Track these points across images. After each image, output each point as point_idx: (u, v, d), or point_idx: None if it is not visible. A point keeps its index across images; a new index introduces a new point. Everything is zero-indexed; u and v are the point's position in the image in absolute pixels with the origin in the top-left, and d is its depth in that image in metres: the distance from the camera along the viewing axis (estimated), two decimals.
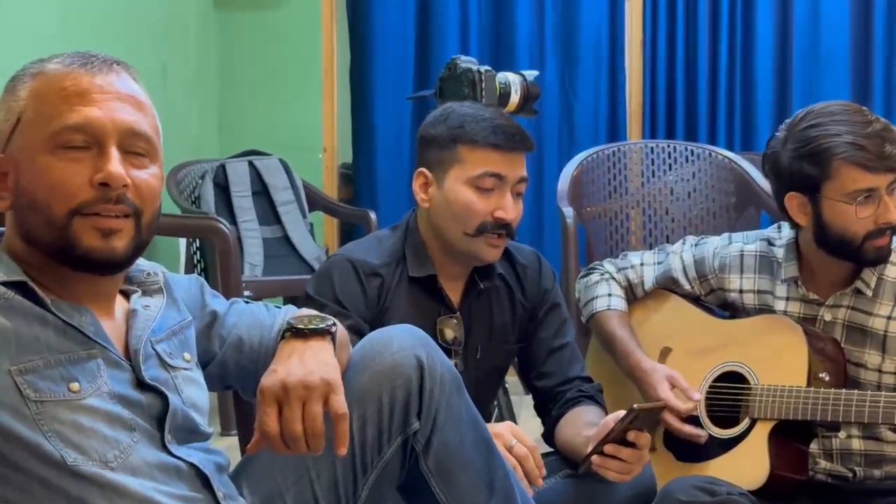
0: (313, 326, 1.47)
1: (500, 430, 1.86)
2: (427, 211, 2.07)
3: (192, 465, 1.38)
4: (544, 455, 2.10)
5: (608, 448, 1.82)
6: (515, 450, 1.85)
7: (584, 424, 1.98)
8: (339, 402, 1.39)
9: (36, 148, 1.31)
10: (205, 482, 1.39)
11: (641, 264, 2.33)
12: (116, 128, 1.33)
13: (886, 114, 4.59)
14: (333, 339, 1.49)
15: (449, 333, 2.07)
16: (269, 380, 1.40)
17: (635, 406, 1.78)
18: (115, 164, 1.32)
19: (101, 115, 1.32)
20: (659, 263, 2.32)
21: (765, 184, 3.06)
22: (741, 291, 2.20)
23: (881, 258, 2.04)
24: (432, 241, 2.08)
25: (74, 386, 1.29)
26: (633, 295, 2.33)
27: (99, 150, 1.32)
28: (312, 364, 1.41)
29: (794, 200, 2.06)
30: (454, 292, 2.10)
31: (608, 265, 2.37)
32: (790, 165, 2.02)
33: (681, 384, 2.13)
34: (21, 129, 1.32)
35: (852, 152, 1.95)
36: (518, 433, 1.89)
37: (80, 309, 1.34)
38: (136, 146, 1.35)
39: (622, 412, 1.81)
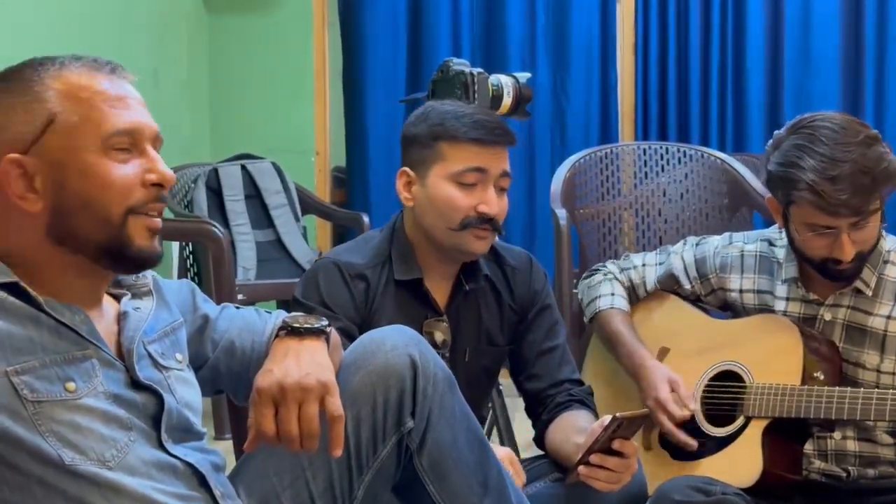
0: (309, 325, 1.49)
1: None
2: (412, 210, 2.06)
3: (188, 464, 1.39)
4: (535, 458, 2.10)
5: (594, 458, 1.81)
6: None
7: (574, 430, 1.98)
8: (335, 404, 1.40)
9: (86, 149, 1.33)
10: (202, 481, 1.39)
11: (643, 265, 2.34)
12: (151, 131, 1.38)
13: (877, 115, 4.62)
14: (328, 340, 1.50)
15: (437, 336, 2.06)
16: (265, 380, 1.42)
17: (618, 415, 1.76)
18: (164, 165, 1.37)
19: (141, 119, 1.37)
20: (660, 264, 2.32)
21: (757, 184, 3.07)
22: (741, 291, 2.21)
23: (846, 279, 2.05)
24: (419, 241, 2.07)
25: (70, 386, 1.29)
26: (636, 295, 2.33)
27: (139, 152, 1.37)
28: (308, 365, 1.42)
29: (772, 204, 2.09)
30: (441, 294, 2.09)
31: (611, 266, 2.37)
32: (769, 173, 2.04)
33: (681, 391, 2.12)
34: (58, 131, 1.32)
35: (808, 195, 1.93)
36: (515, 464, 1.89)
37: (73, 308, 1.34)
38: (158, 148, 1.40)
39: (607, 418, 1.80)
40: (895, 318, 2.05)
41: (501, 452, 1.88)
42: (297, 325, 1.48)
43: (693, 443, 2.10)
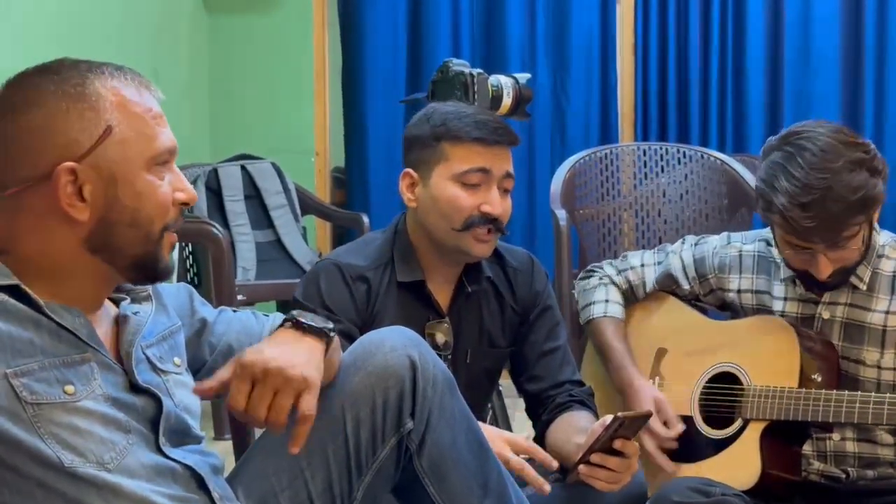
0: (314, 324, 1.46)
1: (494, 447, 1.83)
2: (415, 211, 2.06)
3: (187, 466, 1.39)
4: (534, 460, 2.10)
5: (595, 457, 1.80)
6: (512, 463, 1.81)
7: (574, 431, 1.98)
8: (309, 403, 1.37)
9: (137, 165, 1.34)
10: (200, 483, 1.39)
11: (642, 265, 2.33)
12: (177, 149, 1.40)
13: (877, 115, 4.62)
14: (328, 343, 1.48)
15: (438, 338, 2.06)
16: (251, 356, 1.38)
17: (620, 414, 1.76)
18: (190, 184, 1.40)
19: (174, 138, 1.40)
20: (659, 264, 2.31)
21: None
22: (739, 291, 2.21)
23: (830, 289, 2.05)
24: (421, 243, 2.07)
25: (69, 388, 1.29)
26: (635, 296, 2.33)
27: (168, 169, 1.38)
28: (298, 358, 1.40)
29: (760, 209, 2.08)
30: (442, 296, 2.09)
31: (608, 268, 2.36)
32: (755, 186, 2.04)
33: (666, 412, 2.12)
34: (115, 144, 1.33)
35: (779, 218, 1.94)
36: (512, 442, 1.85)
37: (73, 311, 1.34)
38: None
39: (609, 417, 1.79)
40: (894, 313, 2.05)
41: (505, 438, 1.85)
42: (303, 321, 1.46)
43: (672, 466, 2.08)
